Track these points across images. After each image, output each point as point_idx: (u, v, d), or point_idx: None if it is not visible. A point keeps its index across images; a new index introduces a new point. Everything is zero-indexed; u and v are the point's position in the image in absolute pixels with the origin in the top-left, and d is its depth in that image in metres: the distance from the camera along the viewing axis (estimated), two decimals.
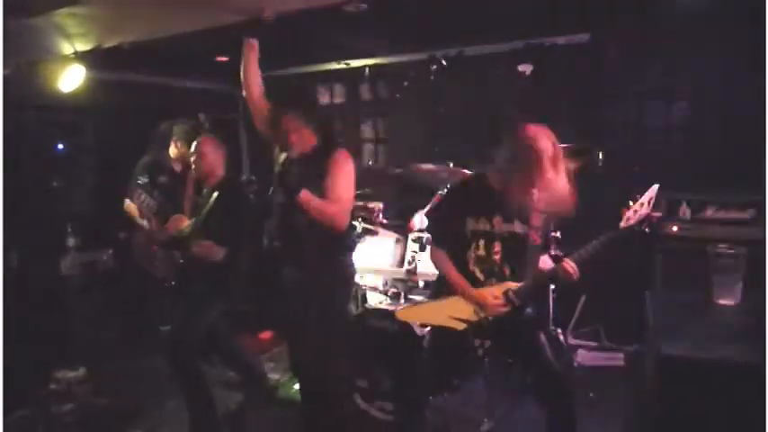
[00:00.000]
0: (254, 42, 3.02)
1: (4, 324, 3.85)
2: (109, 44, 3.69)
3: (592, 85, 4.47)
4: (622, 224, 2.45)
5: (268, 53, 3.09)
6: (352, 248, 3.17)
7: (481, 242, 2.64)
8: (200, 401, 3.21)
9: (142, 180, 4.12)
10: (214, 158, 3.36)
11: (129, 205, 4.11)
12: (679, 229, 3.81)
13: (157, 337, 3.25)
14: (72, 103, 4.24)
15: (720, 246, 2.55)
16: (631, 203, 2.45)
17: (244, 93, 3.06)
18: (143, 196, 3.98)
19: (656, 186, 2.46)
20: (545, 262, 2.68)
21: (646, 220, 2.44)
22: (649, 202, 2.44)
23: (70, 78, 3.83)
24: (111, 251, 4.83)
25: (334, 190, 2.75)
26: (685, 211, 3.84)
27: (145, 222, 4.01)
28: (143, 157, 4.17)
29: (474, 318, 2.60)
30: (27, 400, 3.63)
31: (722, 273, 2.49)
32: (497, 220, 2.62)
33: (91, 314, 4.49)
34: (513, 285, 2.57)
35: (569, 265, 2.47)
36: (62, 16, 3.05)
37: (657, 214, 2.43)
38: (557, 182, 2.47)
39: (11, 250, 4.31)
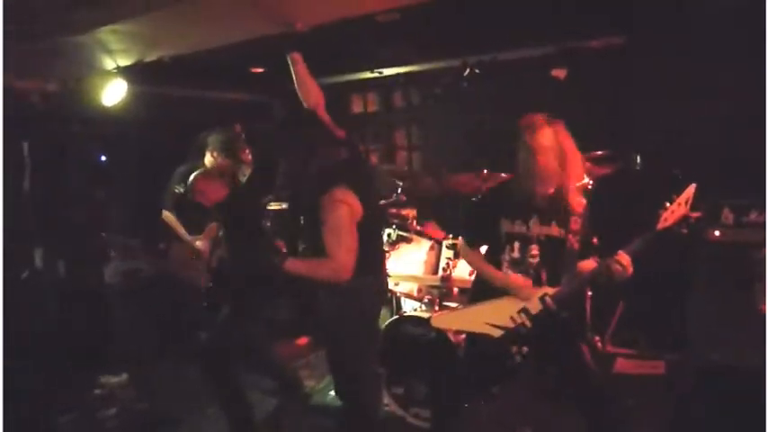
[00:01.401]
0: (297, 56, 2.99)
1: (53, 331, 3.99)
2: (149, 59, 3.80)
3: (628, 88, 4.40)
4: (659, 225, 2.38)
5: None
6: (380, 263, 3.02)
7: (516, 244, 2.61)
8: (237, 409, 3.23)
9: (178, 189, 4.21)
10: (212, 190, 3.31)
11: (167, 215, 4.20)
12: (721, 234, 3.70)
13: (196, 344, 3.31)
14: (114, 117, 4.37)
15: (764, 251, 2.48)
16: (668, 204, 2.38)
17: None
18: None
19: (693, 186, 2.38)
20: (587, 264, 2.60)
21: (683, 220, 2.37)
22: (687, 202, 2.36)
23: (113, 93, 3.96)
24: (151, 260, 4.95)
25: (327, 244, 2.55)
26: (728, 216, 3.73)
27: (182, 232, 4.10)
28: (180, 167, 4.27)
29: (511, 324, 2.57)
30: (74, 404, 3.74)
31: (766, 279, 2.42)
32: (534, 221, 2.59)
33: (133, 321, 4.60)
34: (550, 290, 2.54)
35: (624, 257, 2.38)
36: (104, 33, 3.16)
37: (695, 215, 2.35)
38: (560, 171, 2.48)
39: (58, 259, 4.47)
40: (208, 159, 4.18)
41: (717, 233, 3.70)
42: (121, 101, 4.04)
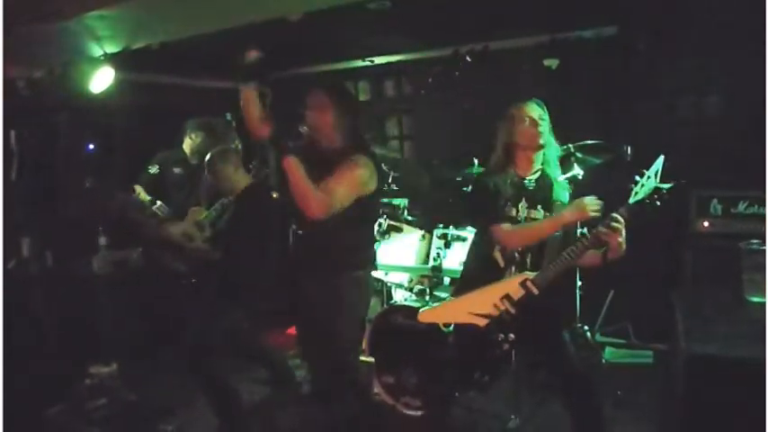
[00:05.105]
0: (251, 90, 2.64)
1: (42, 323, 3.97)
2: (137, 45, 3.75)
3: (620, 80, 4.40)
4: (631, 199, 2.39)
5: (294, 51, 3.09)
6: (371, 263, 2.99)
7: None
8: (223, 401, 3.18)
9: (152, 170, 4.22)
10: (236, 180, 3.35)
11: (138, 188, 4.23)
12: (709, 225, 3.74)
13: (182, 338, 3.28)
14: (102, 105, 4.32)
15: (752, 242, 2.51)
16: (638, 177, 2.39)
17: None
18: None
19: (661, 157, 2.39)
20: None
21: (655, 192, 2.37)
22: (656, 175, 2.37)
23: (100, 80, 3.91)
24: (140, 249, 4.91)
25: (329, 181, 2.45)
26: (716, 207, 3.77)
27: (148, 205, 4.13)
28: (163, 151, 4.31)
29: (494, 312, 2.58)
30: (64, 395, 3.72)
31: (754, 269, 2.45)
32: (522, 205, 2.65)
33: (123, 311, 4.57)
34: (531, 274, 2.55)
35: (617, 218, 2.36)
36: (91, 19, 3.11)
37: (666, 185, 2.35)
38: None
39: (46, 250, 4.42)
40: (186, 143, 4.18)
41: (705, 224, 3.74)
42: (109, 88, 3.99)
